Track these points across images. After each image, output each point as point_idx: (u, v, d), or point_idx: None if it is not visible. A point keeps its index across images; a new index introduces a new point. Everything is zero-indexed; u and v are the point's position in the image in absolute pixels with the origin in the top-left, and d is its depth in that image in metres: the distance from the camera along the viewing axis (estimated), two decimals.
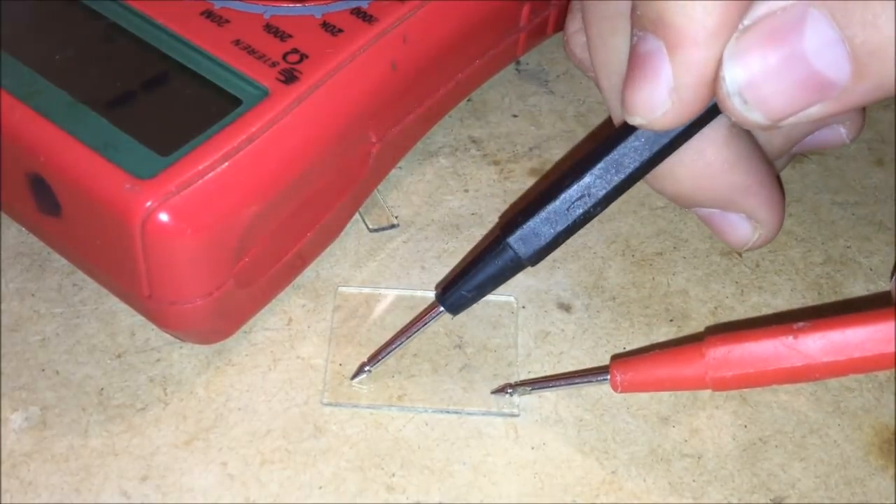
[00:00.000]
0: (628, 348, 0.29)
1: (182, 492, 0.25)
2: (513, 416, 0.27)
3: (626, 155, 0.25)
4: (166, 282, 0.25)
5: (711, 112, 0.25)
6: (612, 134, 0.26)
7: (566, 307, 0.30)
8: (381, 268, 0.31)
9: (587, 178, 0.25)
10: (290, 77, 0.27)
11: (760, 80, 0.22)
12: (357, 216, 0.32)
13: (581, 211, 0.26)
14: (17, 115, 0.26)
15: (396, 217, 0.32)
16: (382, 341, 0.28)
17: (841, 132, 0.31)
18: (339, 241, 0.31)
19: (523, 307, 0.30)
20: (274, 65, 0.28)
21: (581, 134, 0.35)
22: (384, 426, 0.27)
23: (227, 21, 0.29)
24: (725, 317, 0.30)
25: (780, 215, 0.29)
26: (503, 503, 0.26)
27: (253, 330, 0.29)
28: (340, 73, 0.28)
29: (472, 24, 0.32)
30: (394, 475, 0.26)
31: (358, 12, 0.29)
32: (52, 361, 0.28)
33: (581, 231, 0.32)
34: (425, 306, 0.28)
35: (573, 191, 0.26)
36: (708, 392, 0.28)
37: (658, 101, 0.23)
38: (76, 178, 0.25)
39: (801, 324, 0.24)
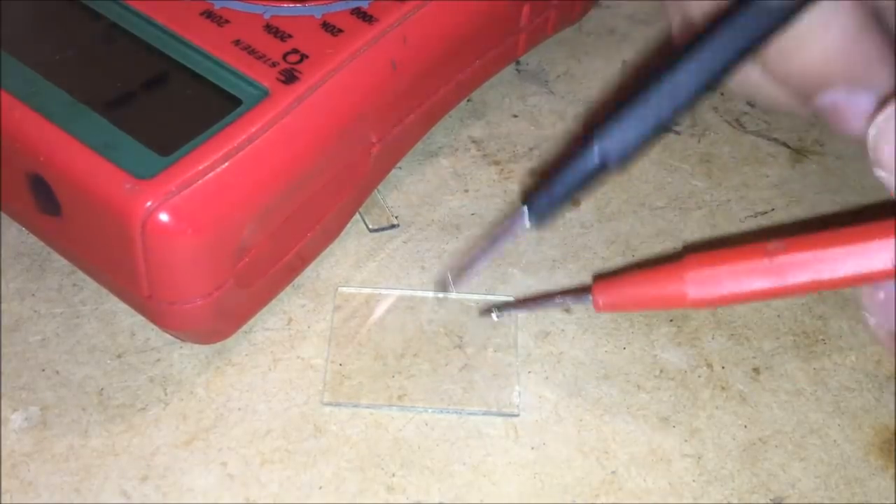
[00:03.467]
0: (628, 349, 0.29)
1: (182, 492, 0.25)
2: (513, 416, 0.27)
3: (721, 47, 0.25)
4: (166, 282, 0.25)
5: None
6: (700, 34, 0.25)
7: (566, 307, 0.30)
8: (381, 268, 0.31)
9: (677, 77, 0.25)
10: (290, 77, 0.27)
11: None
12: (357, 216, 0.32)
13: (668, 112, 0.25)
14: (17, 115, 0.26)
15: (396, 217, 0.32)
16: (383, 342, 0.28)
17: None
18: (339, 241, 0.31)
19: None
20: (274, 65, 0.28)
21: (581, 133, 0.35)
22: (384, 426, 0.27)
23: (227, 21, 0.29)
24: (726, 316, 0.30)
25: None
26: (503, 503, 0.26)
27: (253, 330, 0.29)
28: (340, 73, 0.28)
29: (472, 24, 0.32)
30: (394, 475, 0.26)
31: (358, 12, 0.29)
32: (52, 361, 0.28)
33: (581, 231, 0.32)
34: (426, 306, 0.28)
35: (660, 92, 0.25)
36: (708, 392, 0.28)
37: None
38: (76, 178, 0.25)
39: (776, 243, 0.25)
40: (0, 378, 0.27)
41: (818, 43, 0.27)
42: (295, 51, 0.28)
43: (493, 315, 0.29)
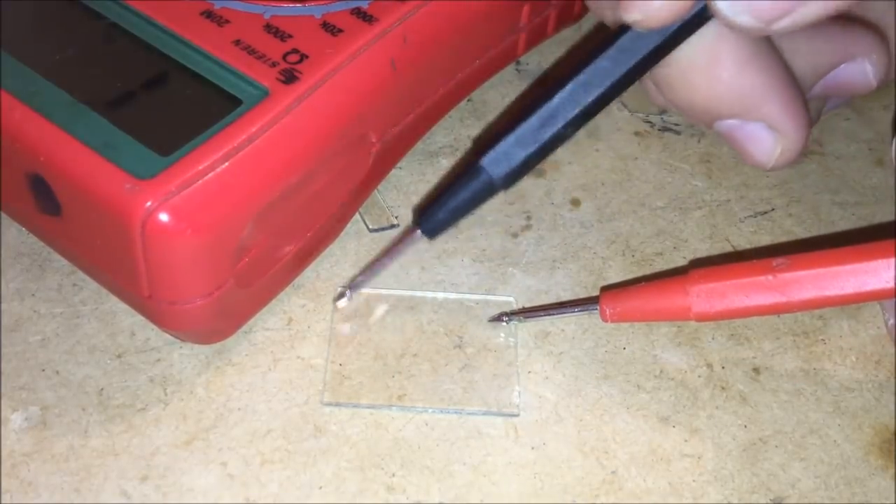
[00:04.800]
0: (628, 349, 0.29)
1: (182, 492, 0.25)
2: (513, 416, 0.27)
3: (595, 76, 0.26)
4: (166, 282, 0.25)
5: (692, 24, 0.25)
6: (580, 59, 0.26)
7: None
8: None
9: (556, 101, 0.26)
10: (290, 77, 0.27)
11: None
12: (357, 216, 0.32)
13: (550, 133, 0.26)
14: (17, 115, 0.26)
15: (396, 217, 0.32)
16: (383, 342, 0.28)
17: (867, 70, 0.29)
18: (339, 241, 0.31)
19: (523, 307, 0.30)
20: (274, 65, 0.28)
21: (581, 134, 0.35)
22: (384, 426, 0.27)
23: (227, 21, 0.29)
24: None
25: (802, 123, 0.28)
26: (503, 503, 0.26)
27: (253, 330, 0.29)
28: (340, 73, 0.28)
29: (472, 24, 0.32)
30: (394, 475, 0.26)
31: (358, 12, 0.29)
32: (52, 361, 0.28)
33: (581, 231, 0.32)
34: (425, 307, 0.28)
35: (542, 113, 0.26)
36: (708, 392, 0.28)
37: None
38: (76, 178, 0.25)
39: (780, 260, 0.26)
40: (0, 378, 0.27)
41: (703, 76, 0.27)
42: (295, 51, 0.28)
43: (503, 322, 0.29)
